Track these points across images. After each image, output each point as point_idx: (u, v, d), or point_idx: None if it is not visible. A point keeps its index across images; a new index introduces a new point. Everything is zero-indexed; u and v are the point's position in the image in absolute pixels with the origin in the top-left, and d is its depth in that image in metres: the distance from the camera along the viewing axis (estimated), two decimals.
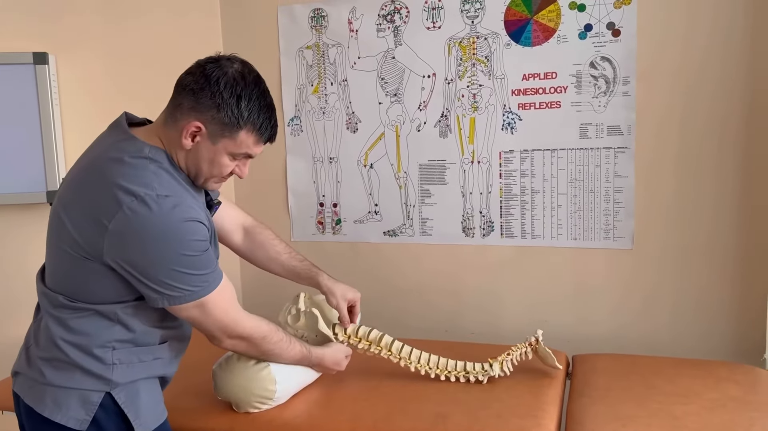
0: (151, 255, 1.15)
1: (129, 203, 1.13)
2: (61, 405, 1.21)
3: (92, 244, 1.16)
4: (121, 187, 1.14)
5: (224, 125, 1.20)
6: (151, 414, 1.28)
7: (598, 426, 1.39)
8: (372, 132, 2.16)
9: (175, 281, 1.18)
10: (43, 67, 2.04)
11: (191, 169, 1.26)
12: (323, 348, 1.57)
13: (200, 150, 1.22)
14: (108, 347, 1.22)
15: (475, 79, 2.02)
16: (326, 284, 1.60)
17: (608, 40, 1.87)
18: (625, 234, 1.93)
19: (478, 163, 2.06)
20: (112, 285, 1.20)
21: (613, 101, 1.89)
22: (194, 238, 1.18)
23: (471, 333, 2.13)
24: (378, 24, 2.09)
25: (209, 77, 1.19)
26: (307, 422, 1.47)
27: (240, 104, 1.19)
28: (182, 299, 1.21)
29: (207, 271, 1.23)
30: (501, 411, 1.47)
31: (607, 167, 1.93)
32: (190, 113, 1.20)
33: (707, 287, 1.88)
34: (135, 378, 1.26)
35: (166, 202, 1.14)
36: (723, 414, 1.42)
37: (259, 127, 1.23)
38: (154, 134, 1.24)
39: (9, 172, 2.06)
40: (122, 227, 1.13)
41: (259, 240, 1.63)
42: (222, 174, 1.27)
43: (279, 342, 1.43)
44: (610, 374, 1.65)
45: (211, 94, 1.18)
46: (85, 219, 1.16)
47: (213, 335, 1.31)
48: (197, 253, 1.20)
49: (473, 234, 2.10)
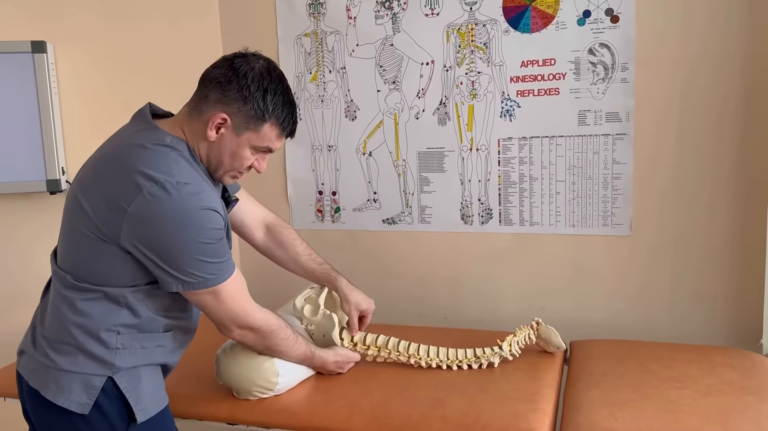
0: (169, 240, 1.18)
1: (149, 188, 1.15)
2: (64, 388, 1.22)
3: (110, 227, 1.18)
4: (142, 172, 1.16)
5: (249, 118, 1.24)
6: (152, 400, 1.29)
7: (594, 411, 1.40)
8: (371, 120, 2.16)
9: (190, 267, 1.21)
10: (42, 55, 2.03)
11: (212, 161, 1.29)
12: (327, 351, 1.59)
13: (224, 142, 1.26)
14: (113, 331, 1.24)
15: (474, 66, 2.01)
16: (343, 290, 1.64)
17: (607, 26, 1.86)
18: (623, 220, 1.94)
19: (477, 150, 2.06)
20: (126, 268, 1.22)
21: (611, 88, 1.89)
22: (211, 226, 1.21)
23: (469, 319, 2.14)
24: (376, 11, 2.09)
25: (237, 71, 1.23)
26: (306, 408, 1.49)
27: (266, 98, 1.24)
28: (196, 285, 1.23)
29: (221, 260, 1.25)
30: (498, 395, 1.48)
31: (606, 154, 1.93)
32: (216, 105, 1.23)
33: (705, 273, 1.89)
34: (137, 363, 1.27)
35: (186, 189, 1.17)
36: (718, 398, 1.43)
37: (283, 121, 1.28)
38: (177, 126, 1.27)
39: (8, 161, 2.06)
40: (141, 211, 1.15)
41: (280, 239, 1.66)
42: (242, 167, 1.30)
43: (286, 339, 1.46)
44: (606, 359, 1.66)
45: (239, 87, 1.22)
46: (104, 202, 1.18)
47: (223, 324, 1.33)
48: (213, 241, 1.22)
49: (472, 221, 2.11)
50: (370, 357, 1.66)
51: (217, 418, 1.52)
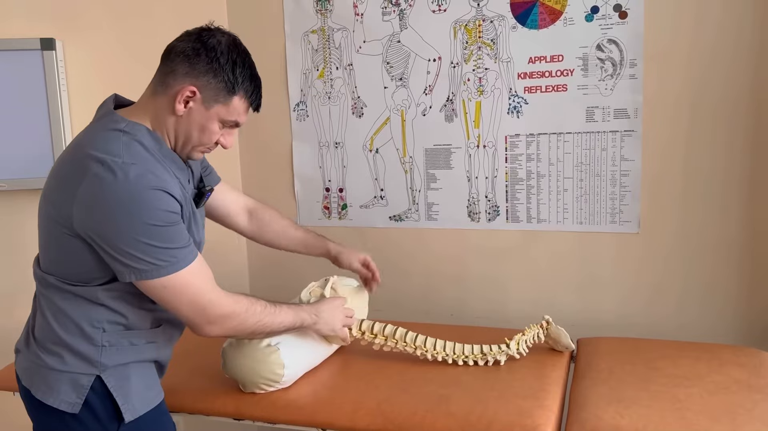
0: (115, 222, 1.13)
1: (95, 169, 1.13)
2: (53, 388, 1.23)
3: (65, 216, 1.16)
4: (90, 155, 1.15)
5: (219, 90, 1.23)
6: (141, 399, 1.27)
7: (600, 408, 1.40)
8: (377, 116, 2.16)
9: (139, 252, 1.14)
10: (51, 52, 2.05)
11: (180, 137, 1.26)
12: (315, 303, 1.56)
13: (192, 115, 1.24)
14: (98, 328, 1.23)
15: (481, 62, 2.01)
16: (335, 248, 1.68)
17: (615, 22, 1.85)
18: (631, 218, 1.93)
19: (484, 147, 2.05)
20: (88, 261, 1.19)
21: (619, 84, 1.87)
22: (162, 207, 1.15)
23: (476, 317, 2.14)
24: (383, 7, 2.08)
25: (206, 44, 1.22)
26: (312, 403, 1.49)
27: (235, 70, 1.23)
28: (148, 273, 1.16)
29: (175, 246, 1.18)
30: (504, 392, 1.47)
31: (614, 151, 1.92)
32: (184, 78, 1.21)
33: (714, 271, 1.88)
34: (125, 361, 1.26)
35: (132, 169, 1.14)
36: (726, 396, 1.42)
37: (251, 94, 1.27)
38: (139, 109, 1.26)
39: (17, 157, 2.08)
40: (88, 193, 1.13)
41: (265, 218, 1.67)
42: (211, 141, 1.28)
43: (263, 309, 1.35)
44: (613, 356, 1.65)
45: (208, 60, 1.21)
46: (59, 191, 1.18)
47: (191, 321, 1.24)
48: (163, 224, 1.16)
49: (479, 218, 2.10)
50: (377, 346, 1.65)
51: (224, 413, 1.52)
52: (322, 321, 1.52)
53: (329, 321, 1.54)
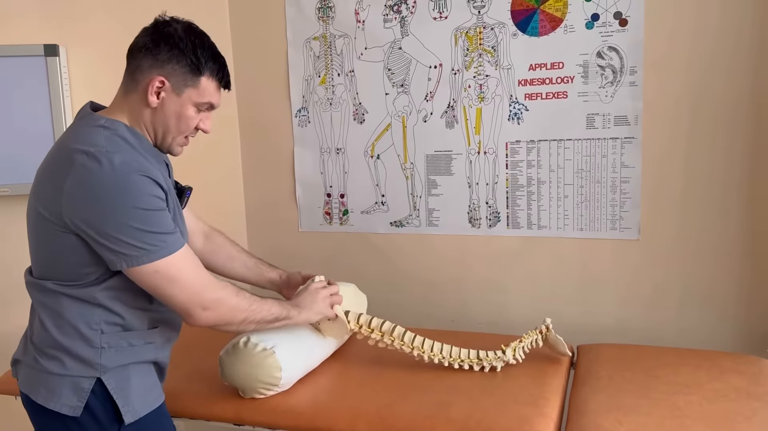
0: (102, 208, 1.15)
1: (80, 160, 1.16)
2: (54, 392, 1.23)
3: (55, 211, 1.18)
4: (74, 149, 1.18)
5: (186, 74, 1.25)
6: (141, 401, 1.28)
7: (599, 415, 1.40)
8: (379, 123, 2.17)
9: (128, 237, 1.15)
10: (54, 59, 2.06)
11: (158, 129, 1.29)
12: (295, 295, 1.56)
13: (166, 105, 1.26)
14: (96, 330, 1.23)
15: (482, 69, 2.01)
16: (286, 274, 1.68)
17: (615, 29, 1.86)
18: (631, 224, 1.93)
19: (485, 153, 2.06)
20: (84, 255, 1.20)
21: (620, 91, 1.88)
22: (147, 191, 1.17)
23: (477, 323, 2.14)
24: (385, 14, 2.09)
25: (163, 33, 1.25)
26: (311, 408, 1.49)
27: (197, 52, 1.26)
28: (138, 259, 1.17)
29: (163, 231, 1.19)
30: (503, 399, 1.48)
31: (614, 157, 1.92)
32: (151, 70, 1.24)
33: (714, 278, 1.88)
34: (125, 362, 1.26)
35: (116, 157, 1.17)
36: (725, 404, 1.42)
37: (217, 72, 1.29)
38: (115, 109, 1.28)
39: (20, 163, 2.09)
40: (74, 183, 1.16)
41: (219, 241, 1.66)
42: (189, 128, 1.30)
43: (251, 297, 1.35)
44: (613, 363, 1.65)
45: (168, 47, 1.24)
46: (47, 190, 1.20)
47: (184, 307, 1.23)
48: (150, 208, 1.17)
49: (479, 224, 2.11)
50: (373, 342, 1.64)
51: (224, 419, 1.53)
52: (305, 308, 1.51)
53: (311, 305, 1.52)
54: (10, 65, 2.06)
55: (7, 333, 2.15)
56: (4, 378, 1.71)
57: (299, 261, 1.80)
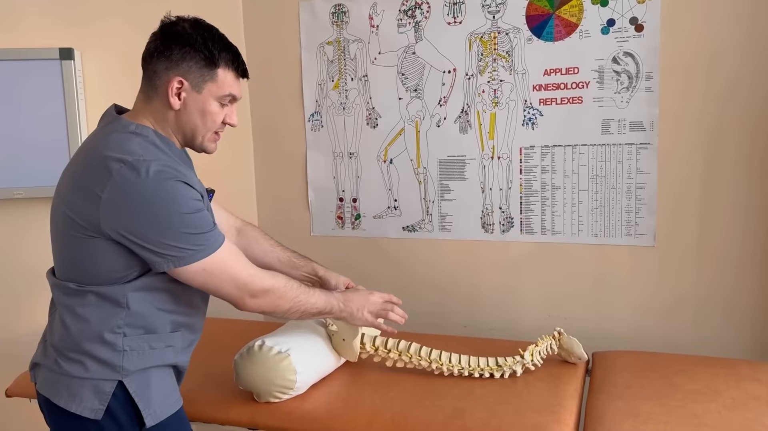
0: (147, 217, 1.17)
1: (118, 169, 1.16)
2: (75, 395, 1.23)
3: (89, 219, 1.18)
4: (109, 156, 1.18)
5: (201, 69, 1.26)
6: (162, 404, 1.28)
7: (616, 423, 1.39)
8: (392, 127, 2.17)
9: (175, 241, 1.19)
10: (69, 62, 2.07)
11: (187, 130, 1.29)
12: (349, 292, 1.56)
13: (188, 105, 1.27)
14: (118, 333, 1.24)
15: (496, 74, 2.01)
16: (323, 270, 1.67)
17: (631, 35, 1.85)
18: (647, 231, 1.92)
19: (498, 158, 2.05)
20: (116, 259, 1.21)
21: (635, 97, 1.87)
22: (187, 196, 1.20)
23: (490, 328, 2.13)
24: (399, 19, 2.09)
25: (171, 33, 1.26)
26: (326, 414, 1.49)
27: (208, 45, 1.26)
28: (186, 259, 1.20)
29: (206, 230, 1.23)
30: (519, 406, 1.47)
31: (629, 163, 1.91)
32: (167, 73, 1.25)
33: (732, 286, 1.86)
34: (146, 365, 1.26)
35: (152, 165, 1.17)
36: (744, 412, 1.40)
37: (232, 62, 1.30)
38: (138, 115, 1.29)
39: (35, 167, 2.10)
40: (114, 194, 1.16)
41: (252, 236, 1.66)
42: (216, 124, 1.31)
43: (299, 287, 1.40)
44: (630, 371, 1.64)
45: (179, 47, 1.25)
46: (79, 196, 1.20)
47: (234, 297, 1.29)
48: (192, 211, 1.20)
49: (493, 230, 2.10)
50: (391, 362, 1.65)
51: (238, 423, 1.52)
52: (352, 308, 1.52)
53: (360, 308, 1.53)
54: (25, 69, 2.07)
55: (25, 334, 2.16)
56: (20, 381, 1.71)
57: None
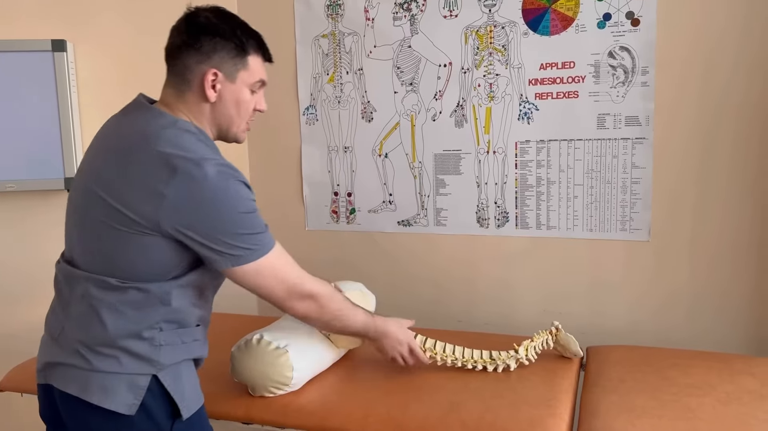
0: (211, 216, 1.17)
1: (183, 167, 1.15)
2: (109, 391, 1.19)
3: (147, 215, 1.16)
4: (172, 154, 1.16)
5: (234, 58, 1.26)
6: (193, 397, 1.29)
7: (611, 417, 1.39)
8: (387, 121, 2.16)
9: (235, 241, 1.20)
10: (62, 54, 2.05)
11: (222, 122, 1.30)
12: (387, 320, 1.55)
13: (224, 96, 1.27)
14: (156, 328, 1.22)
15: (492, 68, 2.00)
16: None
17: (627, 29, 1.85)
18: (642, 226, 1.92)
19: (494, 153, 2.05)
20: (170, 256, 1.20)
21: (631, 91, 1.87)
22: (246, 197, 1.21)
23: (485, 323, 2.13)
24: (394, 12, 2.08)
25: (198, 25, 1.25)
26: (322, 408, 1.48)
27: (236, 32, 1.26)
28: (244, 259, 1.22)
29: (261, 231, 1.25)
30: (515, 400, 1.47)
31: (625, 158, 1.91)
32: (200, 66, 1.24)
33: (726, 280, 1.87)
34: (178, 359, 1.26)
35: (213, 163, 1.17)
36: (738, 406, 1.41)
37: (259, 47, 1.30)
38: (174, 109, 1.27)
39: (27, 159, 2.08)
40: (181, 192, 1.15)
41: None
42: (248, 112, 1.32)
43: (344, 300, 1.44)
44: (624, 365, 1.64)
45: (209, 38, 1.24)
46: (137, 193, 1.16)
47: (280, 298, 1.31)
48: (251, 212, 1.23)
49: (488, 224, 2.10)
50: None
51: (233, 417, 1.52)
52: (382, 343, 1.55)
53: (391, 347, 1.56)
54: (17, 60, 2.05)
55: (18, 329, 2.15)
56: (11, 376, 1.69)
57: (306, 261, 1.78)
